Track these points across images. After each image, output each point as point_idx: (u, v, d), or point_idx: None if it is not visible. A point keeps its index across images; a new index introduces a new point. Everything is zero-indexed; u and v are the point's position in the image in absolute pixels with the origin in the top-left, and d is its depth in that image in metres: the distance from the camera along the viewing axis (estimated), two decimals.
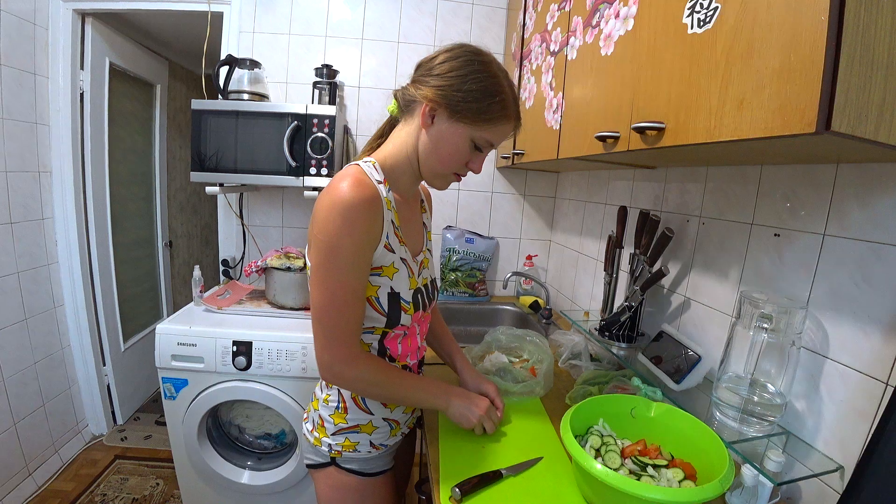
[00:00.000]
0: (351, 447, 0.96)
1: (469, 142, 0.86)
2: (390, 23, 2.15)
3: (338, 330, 0.82)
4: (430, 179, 0.93)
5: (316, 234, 0.81)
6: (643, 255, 1.26)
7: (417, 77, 0.88)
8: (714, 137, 0.70)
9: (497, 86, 0.83)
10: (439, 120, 0.85)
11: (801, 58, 0.56)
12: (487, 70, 0.83)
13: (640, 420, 0.98)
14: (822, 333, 0.87)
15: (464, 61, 0.83)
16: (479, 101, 0.82)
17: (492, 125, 0.85)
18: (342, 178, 0.81)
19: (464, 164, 0.89)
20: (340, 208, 0.78)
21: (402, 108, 0.92)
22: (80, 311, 2.31)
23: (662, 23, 0.85)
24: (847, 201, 0.84)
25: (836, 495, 0.81)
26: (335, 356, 0.84)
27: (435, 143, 0.86)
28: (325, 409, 0.97)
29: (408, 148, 0.90)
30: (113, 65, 2.40)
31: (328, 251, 0.79)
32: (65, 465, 2.23)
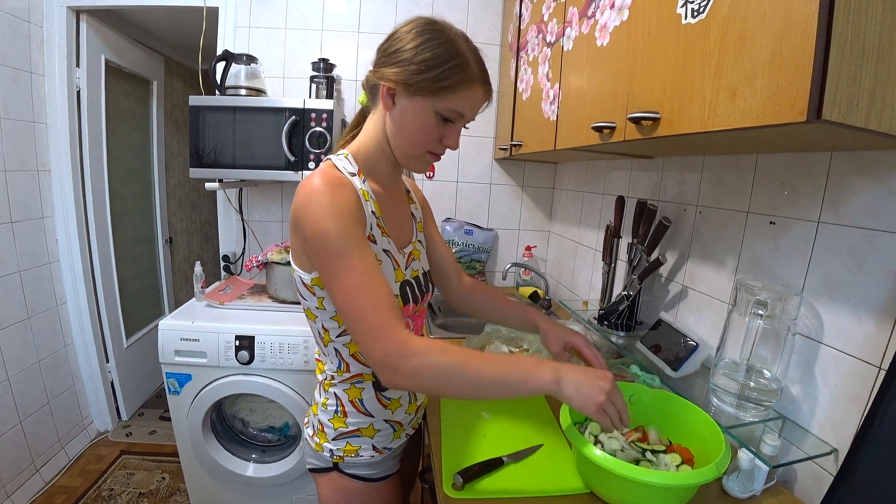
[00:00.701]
0: (353, 452, 0.93)
1: (434, 115, 0.80)
2: (386, 16, 2.14)
3: (370, 318, 0.72)
4: (405, 162, 0.88)
5: (303, 237, 0.77)
6: (641, 245, 1.27)
7: (376, 61, 0.84)
8: (708, 127, 0.70)
9: (452, 50, 0.78)
10: (399, 99, 0.81)
11: (792, 47, 0.56)
12: (441, 36, 0.78)
13: (638, 406, 0.99)
14: (817, 319, 0.89)
15: (415, 33, 0.79)
16: (433, 69, 0.76)
17: (453, 92, 0.79)
18: (311, 177, 0.78)
19: (436, 141, 0.84)
20: (316, 197, 0.75)
21: (371, 97, 0.89)
22: (82, 309, 2.32)
23: (657, 13, 0.85)
24: (841, 189, 0.85)
25: (831, 477, 0.83)
26: (383, 349, 0.71)
27: (399, 123, 0.82)
28: (325, 413, 0.94)
29: (378, 135, 0.87)
30: (109, 62, 2.39)
31: (320, 243, 0.74)
32: (71, 461, 2.26)
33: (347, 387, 0.92)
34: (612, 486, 0.81)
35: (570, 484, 0.88)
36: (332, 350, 0.90)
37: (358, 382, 0.92)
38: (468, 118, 0.84)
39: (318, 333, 0.90)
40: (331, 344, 0.89)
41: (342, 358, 0.90)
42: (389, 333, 0.72)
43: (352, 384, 0.92)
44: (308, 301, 0.86)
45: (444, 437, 1.02)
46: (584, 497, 0.86)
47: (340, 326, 0.87)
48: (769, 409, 0.93)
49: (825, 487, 0.77)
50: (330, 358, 0.92)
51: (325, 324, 0.88)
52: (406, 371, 0.71)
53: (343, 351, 0.89)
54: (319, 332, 0.90)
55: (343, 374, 0.91)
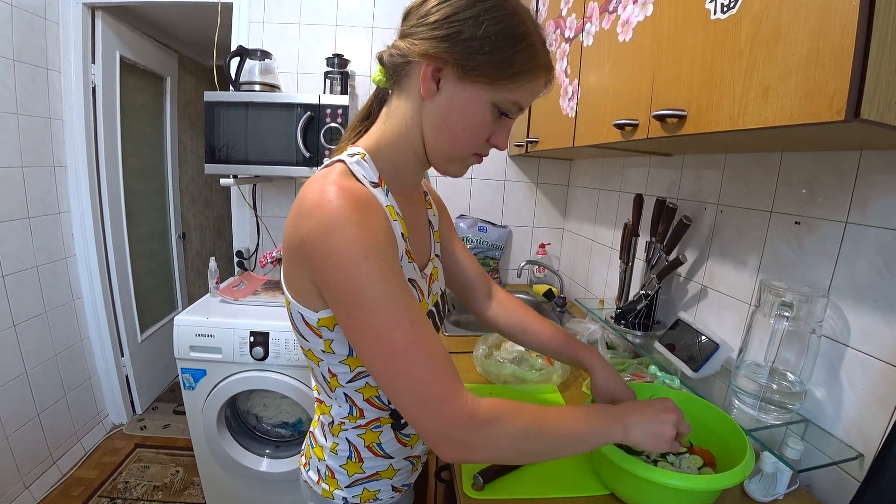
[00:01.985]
0: (371, 497, 0.80)
1: (491, 108, 0.63)
2: (400, 10, 2.11)
3: (425, 387, 0.57)
4: (443, 166, 0.70)
5: (324, 278, 0.59)
6: (660, 244, 1.26)
7: (408, 29, 0.64)
8: (738, 125, 0.69)
9: (521, 25, 0.61)
10: (447, 83, 0.62)
11: (831, 44, 0.55)
12: (505, 6, 0.60)
13: None
14: (843, 322, 0.87)
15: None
16: (499, 51, 0.59)
17: (520, 81, 0.62)
18: (323, 191, 0.58)
19: (485, 140, 0.67)
20: (340, 229, 0.56)
21: (392, 75, 0.68)
22: (97, 304, 2.34)
23: (684, 9, 0.83)
24: (870, 188, 0.83)
25: (856, 483, 0.81)
26: (447, 423, 0.57)
27: (445, 115, 0.64)
28: (335, 459, 0.78)
29: (408, 128, 0.67)
30: (123, 58, 2.41)
31: (350, 289, 0.57)
32: (87, 453, 2.29)
33: (362, 432, 0.76)
34: (634, 487, 0.80)
35: (590, 485, 0.88)
36: (342, 395, 0.73)
37: (375, 427, 0.76)
38: (523, 111, 0.69)
39: (323, 377, 0.73)
40: (339, 389, 0.73)
41: (354, 404, 0.74)
42: (452, 404, 0.57)
43: (368, 430, 0.76)
44: (311, 342, 0.68)
45: None
46: (604, 499, 0.85)
47: (353, 370, 0.70)
48: (792, 412, 0.92)
49: (849, 493, 0.76)
50: (338, 403, 0.75)
51: (332, 368, 0.70)
52: (478, 444, 0.59)
53: (356, 397, 0.73)
54: (324, 376, 0.72)
55: (356, 420, 0.75)
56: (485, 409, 0.59)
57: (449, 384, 0.58)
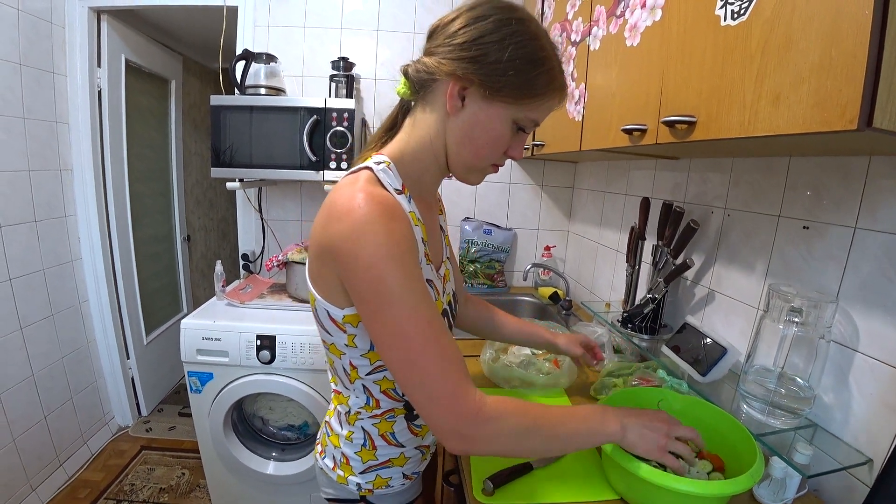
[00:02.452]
0: (383, 483, 0.85)
1: (511, 124, 0.70)
2: (405, 13, 2.13)
3: (438, 383, 0.62)
4: (464, 175, 0.77)
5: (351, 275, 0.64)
6: (667, 247, 1.26)
7: (435, 47, 0.70)
8: (748, 132, 0.69)
9: (542, 50, 0.67)
10: (471, 101, 0.68)
11: (843, 52, 0.55)
12: (528, 31, 0.66)
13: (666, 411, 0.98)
14: (852, 327, 0.87)
15: (496, 22, 0.65)
16: (522, 74, 0.65)
17: (539, 101, 0.69)
18: (352, 196, 0.63)
19: (504, 152, 0.74)
20: (367, 231, 0.61)
21: (417, 89, 0.73)
22: (103, 307, 2.35)
23: (693, 14, 0.83)
24: (879, 194, 0.83)
25: (865, 488, 0.81)
26: (456, 418, 0.62)
27: (469, 130, 0.70)
28: (350, 446, 0.83)
29: (431, 139, 0.73)
30: (129, 61, 2.42)
31: (373, 288, 0.62)
32: (93, 455, 2.30)
33: (377, 421, 0.82)
34: (644, 493, 0.80)
35: (600, 490, 0.88)
36: (360, 386, 0.79)
37: (389, 417, 0.82)
38: (538, 126, 0.75)
39: (343, 370, 0.79)
40: (358, 381, 0.79)
41: (371, 395, 0.80)
42: (462, 400, 0.63)
43: (382, 419, 0.82)
44: (335, 337, 0.74)
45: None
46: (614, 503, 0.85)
47: (373, 364, 0.76)
48: (801, 416, 0.92)
49: (859, 498, 0.76)
50: (356, 394, 0.81)
51: (353, 361, 0.76)
52: (482, 439, 0.64)
53: (373, 388, 0.79)
54: (345, 368, 0.78)
55: (373, 410, 0.81)
56: (491, 406, 0.64)
57: (459, 382, 0.63)
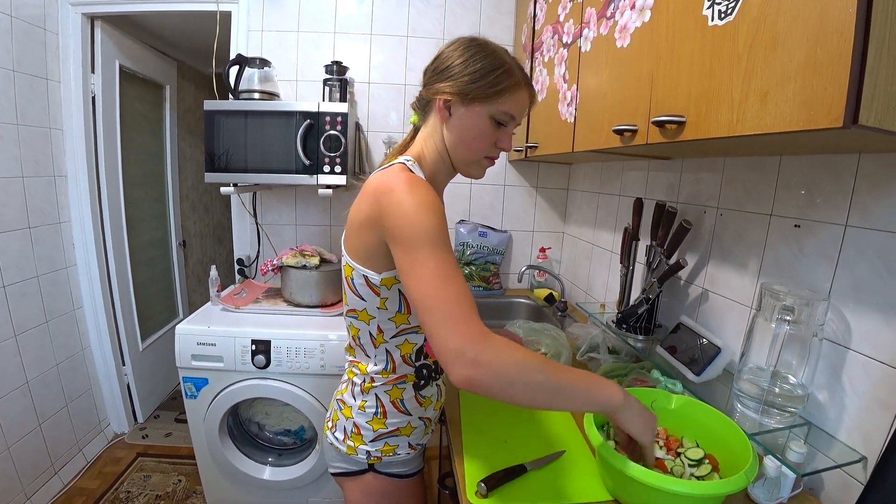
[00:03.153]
0: (391, 451, 0.96)
1: (489, 120, 0.86)
2: (398, 17, 2.14)
3: (458, 307, 0.71)
4: (465, 169, 0.93)
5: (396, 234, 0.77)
6: (660, 247, 1.26)
7: (426, 81, 0.91)
8: (736, 131, 0.69)
9: (498, 59, 0.85)
10: (455, 109, 0.87)
11: (828, 51, 0.55)
12: (485, 49, 0.86)
13: (660, 412, 0.98)
14: (845, 325, 0.87)
15: (462, 50, 0.86)
16: (485, 77, 0.83)
17: (505, 96, 0.85)
18: (396, 177, 0.80)
19: (492, 145, 0.90)
20: (411, 191, 0.77)
21: (422, 114, 0.94)
22: (98, 313, 2.34)
23: (681, 14, 0.84)
24: (870, 191, 0.83)
25: (860, 486, 0.81)
26: (463, 335, 0.69)
27: (458, 132, 0.88)
28: (362, 415, 0.95)
29: (437, 146, 0.91)
30: (123, 67, 2.41)
31: (417, 232, 0.75)
32: (89, 463, 2.28)
33: (389, 388, 0.94)
34: (639, 495, 0.80)
35: (594, 492, 0.88)
36: (383, 351, 0.92)
37: (400, 384, 0.95)
38: (517, 121, 0.90)
39: (370, 335, 0.92)
40: (383, 345, 0.92)
41: (392, 359, 0.93)
42: (472, 324, 0.70)
43: (394, 385, 0.94)
44: (367, 302, 0.88)
45: (466, 443, 1.02)
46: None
47: (398, 327, 0.90)
48: (795, 415, 0.92)
49: (853, 496, 0.76)
50: (377, 359, 0.94)
51: (381, 325, 0.90)
52: (487, 364, 0.68)
53: (395, 352, 0.93)
54: (372, 333, 0.92)
55: (388, 376, 0.94)
56: (498, 337, 0.72)
57: (471, 312, 0.72)
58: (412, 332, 0.92)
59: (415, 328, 0.92)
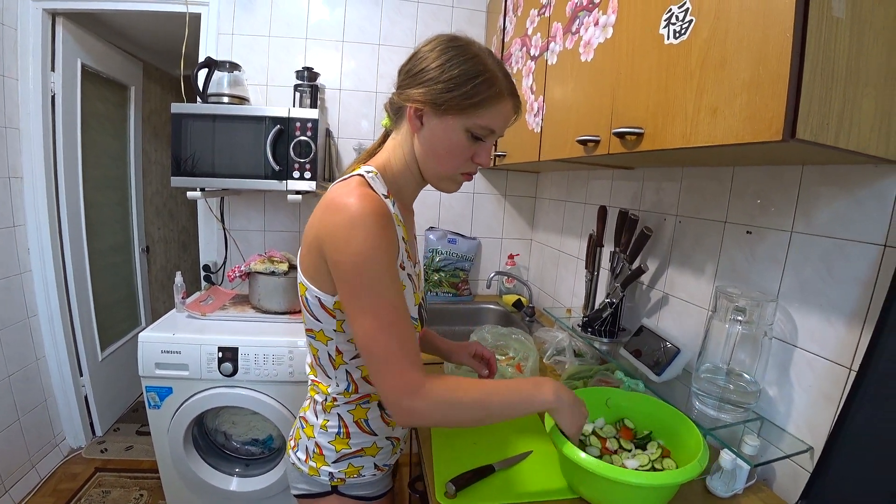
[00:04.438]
0: (355, 472, 0.90)
1: (465, 133, 0.78)
2: (371, 25, 2.16)
3: (394, 357, 0.72)
4: (437, 183, 0.86)
5: (338, 261, 0.72)
6: (623, 253, 1.31)
7: (399, 84, 0.82)
8: (690, 143, 0.74)
9: (479, 65, 0.76)
10: (428, 119, 0.78)
11: (769, 70, 0.60)
12: (466, 52, 0.77)
13: (615, 410, 1.03)
14: (792, 324, 0.93)
15: (439, 51, 0.77)
16: (461, 86, 0.74)
17: (484, 108, 0.76)
18: (348, 193, 0.73)
19: (468, 160, 0.82)
20: (360, 223, 0.70)
21: (394, 119, 0.87)
22: (55, 321, 2.25)
23: (640, 32, 0.89)
24: (813, 200, 0.89)
25: (807, 474, 0.86)
26: (399, 389, 0.71)
27: (429, 144, 0.80)
28: (324, 435, 0.89)
29: (406, 156, 0.84)
30: (85, 66, 2.34)
31: (359, 271, 0.71)
32: (43, 480, 2.18)
33: (353, 408, 0.88)
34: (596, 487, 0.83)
35: (559, 489, 0.90)
36: (343, 372, 0.86)
37: (364, 403, 0.89)
38: (499, 134, 0.82)
39: (329, 356, 0.85)
40: (342, 367, 0.86)
41: (352, 380, 0.87)
42: (407, 376, 0.72)
43: (358, 405, 0.89)
44: (324, 323, 0.82)
45: (435, 445, 1.03)
46: (573, 502, 0.87)
47: (357, 349, 0.84)
48: (748, 410, 0.97)
49: (802, 483, 0.81)
50: (338, 380, 0.87)
51: (340, 346, 0.84)
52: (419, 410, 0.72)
53: (355, 373, 0.86)
54: (331, 354, 0.85)
55: (350, 396, 0.88)
56: (431, 383, 0.73)
57: (410, 362, 0.73)
58: None
59: None
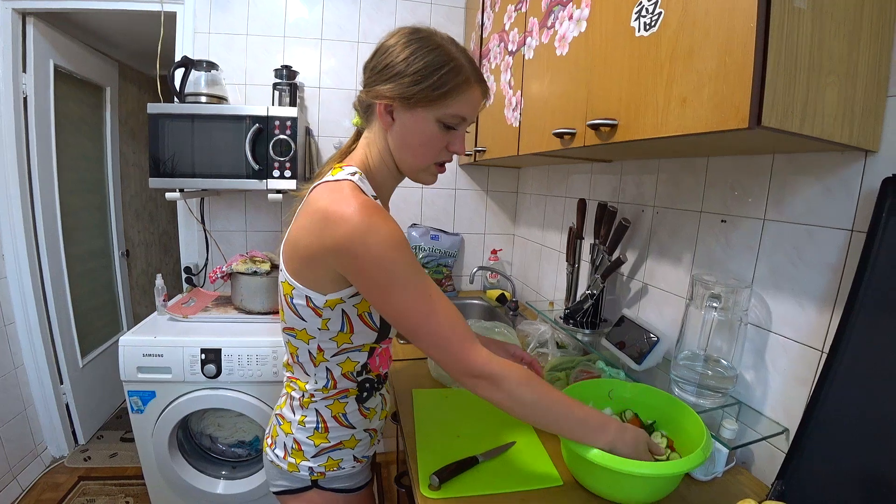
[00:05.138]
0: (334, 466, 0.91)
1: (437, 124, 0.79)
2: (349, 22, 2.15)
3: (444, 341, 0.75)
4: (414, 176, 0.87)
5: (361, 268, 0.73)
6: (602, 245, 1.33)
7: (366, 81, 0.82)
8: (661, 133, 0.75)
9: (444, 54, 0.76)
10: (399, 114, 0.79)
11: (735, 60, 0.62)
12: (429, 43, 0.77)
13: (618, 401, 1.04)
14: (766, 310, 0.95)
15: (403, 45, 0.77)
16: (429, 78, 0.75)
17: (452, 97, 0.77)
18: (347, 204, 0.72)
19: (442, 150, 0.83)
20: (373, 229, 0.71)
21: (364, 117, 0.87)
22: (32, 328, 2.20)
23: (612, 25, 0.90)
24: (783, 188, 0.92)
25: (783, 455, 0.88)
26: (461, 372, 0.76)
27: (403, 139, 0.80)
28: (302, 431, 0.89)
29: (380, 151, 0.84)
30: (58, 67, 2.29)
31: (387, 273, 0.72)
32: (24, 491, 2.13)
33: (331, 402, 0.89)
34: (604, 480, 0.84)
35: (545, 478, 0.91)
36: (323, 370, 0.87)
37: (342, 398, 0.90)
38: (470, 121, 0.83)
39: (309, 353, 0.86)
40: (323, 364, 0.87)
41: (332, 377, 0.88)
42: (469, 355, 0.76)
43: (336, 400, 0.90)
44: (308, 322, 0.82)
45: (419, 439, 1.04)
46: (558, 490, 0.89)
47: (340, 346, 0.85)
48: (727, 395, 1.00)
49: (779, 464, 0.83)
50: (317, 378, 0.88)
51: (321, 344, 0.84)
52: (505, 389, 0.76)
53: (335, 370, 0.87)
54: (311, 352, 0.86)
55: (328, 392, 0.89)
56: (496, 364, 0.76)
57: (464, 340, 0.76)
58: (355, 351, 0.87)
59: (357, 347, 0.87)
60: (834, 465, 0.75)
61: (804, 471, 0.79)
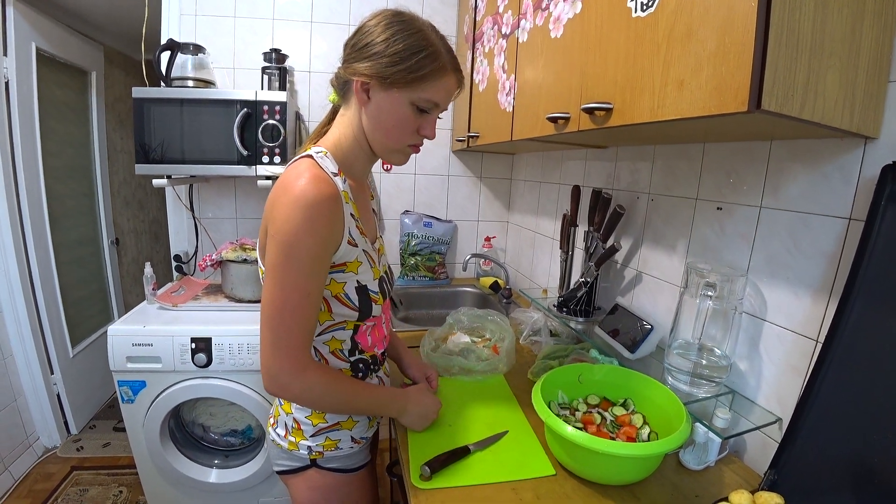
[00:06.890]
0: (332, 446, 0.93)
1: (410, 107, 0.81)
2: (340, 5, 2.09)
3: (289, 337, 0.78)
4: (386, 156, 0.89)
5: (274, 234, 0.76)
6: (597, 233, 1.31)
7: (345, 57, 0.84)
8: (657, 117, 0.73)
9: (423, 39, 0.79)
10: (374, 93, 0.81)
11: (735, 40, 0.59)
12: (410, 27, 0.79)
13: (588, 385, 1.04)
14: (761, 298, 0.94)
15: (384, 26, 0.79)
16: (406, 61, 0.77)
17: (428, 82, 0.80)
18: (298, 175, 0.76)
19: (414, 132, 0.85)
20: (302, 206, 0.74)
21: (341, 94, 0.89)
22: (21, 319, 2.17)
23: (608, 6, 0.87)
24: (780, 175, 0.90)
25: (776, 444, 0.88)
26: (283, 366, 0.79)
27: (376, 117, 0.83)
28: (301, 410, 0.92)
29: (355, 130, 0.86)
30: (40, 50, 2.23)
31: (287, 250, 0.75)
32: (17, 481, 2.12)
33: None
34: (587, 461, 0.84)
35: (536, 467, 0.91)
36: (312, 350, 0.88)
37: None
38: (443, 107, 0.86)
39: None
40: None
41: (321, 356, 0.90)
42: (294, 355, 0.79)
43: None
44: None
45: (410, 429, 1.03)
46: (550, 479, 0.88)
47: (322, 324, 0.87)
48: (720, 384, 0.99)
49: (772, 454, 0.82)
50: None
51: None
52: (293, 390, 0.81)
53: (322, 349, 0.89)
54: None
55: None
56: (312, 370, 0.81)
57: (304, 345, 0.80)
58: (338, 329, 0.89)
59: (341, 324, 0.88)
60: (827, 454, 0.75)
61: (797, 460, 0.79)
